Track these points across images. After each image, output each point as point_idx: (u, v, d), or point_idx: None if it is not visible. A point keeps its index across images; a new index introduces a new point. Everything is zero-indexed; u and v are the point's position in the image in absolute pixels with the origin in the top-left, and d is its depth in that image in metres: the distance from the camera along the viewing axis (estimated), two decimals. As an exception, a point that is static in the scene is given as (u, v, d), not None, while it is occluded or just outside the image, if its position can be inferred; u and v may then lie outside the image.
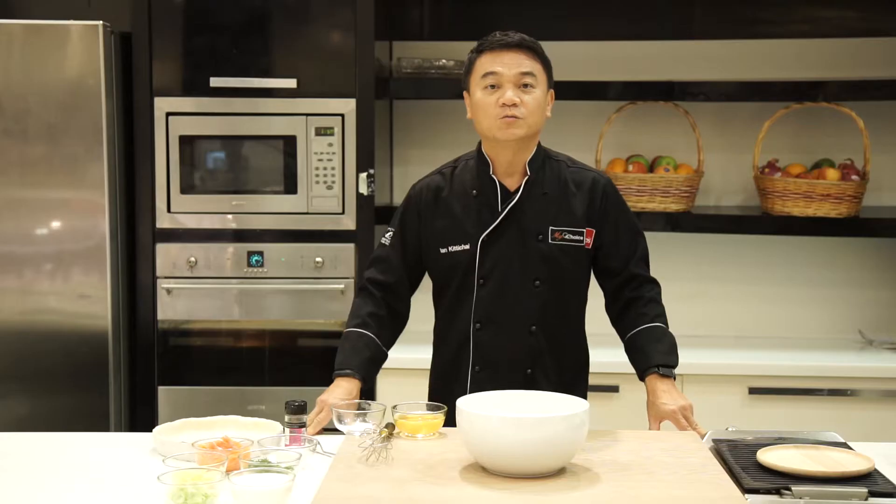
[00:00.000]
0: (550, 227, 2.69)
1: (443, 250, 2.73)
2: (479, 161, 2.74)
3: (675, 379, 2.72)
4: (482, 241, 2.69)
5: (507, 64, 2.61)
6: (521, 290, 2.69)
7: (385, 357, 2.79)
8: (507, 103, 2.60)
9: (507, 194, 2.70)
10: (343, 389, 2.65)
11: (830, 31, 4.24)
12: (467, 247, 2.70)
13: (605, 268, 2.78)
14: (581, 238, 2.70)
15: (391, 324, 2.81)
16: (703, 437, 2.56)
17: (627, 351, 2.79)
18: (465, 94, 2.73)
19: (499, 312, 2.70)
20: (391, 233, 2.80)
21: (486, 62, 2.64)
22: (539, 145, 2.74)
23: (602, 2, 4.28)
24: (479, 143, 2.76)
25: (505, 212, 2.68)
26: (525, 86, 2.62)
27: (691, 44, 4.27)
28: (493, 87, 2.62)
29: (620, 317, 2.80)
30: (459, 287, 2.73)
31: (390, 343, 2.82)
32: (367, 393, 3.88)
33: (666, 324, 2.78)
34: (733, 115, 4.29)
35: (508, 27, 2.76)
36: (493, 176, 2.71)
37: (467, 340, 2.74)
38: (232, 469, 2.17)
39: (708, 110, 4.25)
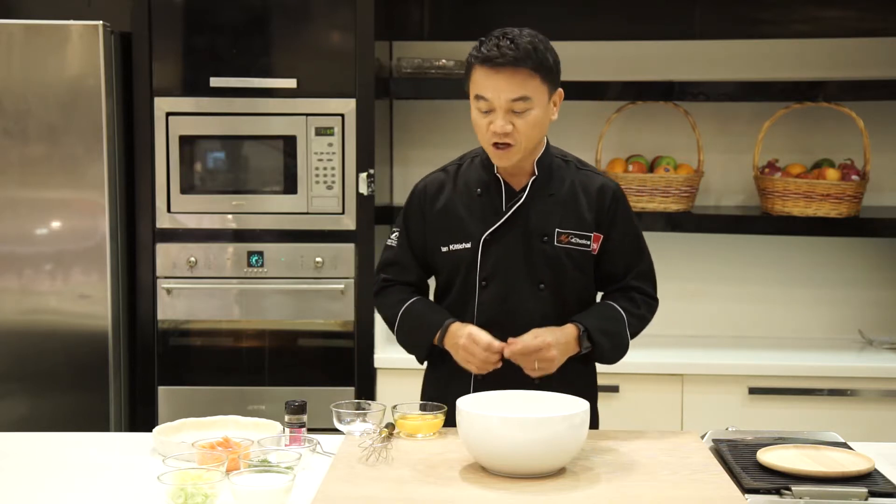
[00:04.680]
0: (557, 230, 2.62)
1: (444, 249, 2.67)
2: (485, 159, 2.65)
3: (585, 348, 2.60)
4: (484, 241, 2.62)
5: (498, 89, 2.48)
6: (525, 293, 2.63)
7: None
8: (497, 131, 2.50)
9: (513, 193, 2.63)
10: (463, 327, 2.60)
11: (830, 31, 4.24)
12: (468, 245, 2.64)
13: (604, 275, 2.70)
14: (588, 243, 2.63)
15: (425, 295, 2.80)
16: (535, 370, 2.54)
17: None
18: (469, 93, 2.61)
19: (502, 317, 2.63)
20: (396, 233, 2.75)
21: (479, 80, 2.51)
22: (548, 145, 2.67)
23: (602, 2, 4.28)
24: None
25: (510, 212, 2.61)
26: (518, 110, 2.50)
27: (691, 44, 4.27)
28: (485, 111, 2.52)
29: None
30: (462, 288, 2.67)
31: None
32: (367, 393, 3.90)
33: (631, 318, 2.67)
34: (733, 115, 4.29)
35: (509, 27, 2.72)
36: (498, 175, 2.64)
37: None
38: (232, 469, 2.17)
39: (708, 110, 4.25)
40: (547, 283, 2.63)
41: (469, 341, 2.55)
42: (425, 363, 2.81)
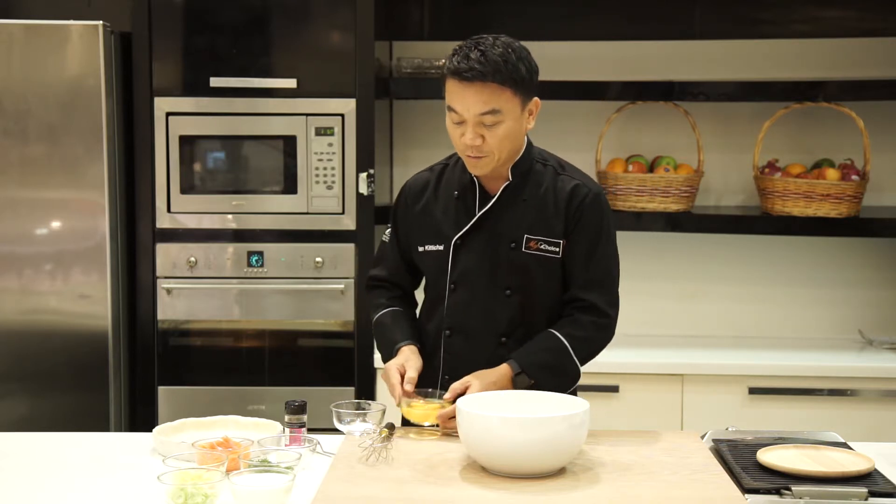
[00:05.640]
0: (526, 236, 2.60)
1: (420, 248, 2.69)
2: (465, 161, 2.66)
3: (521, 385, 2.55)
4: (455, 244, 2.63)
5: (467, 103, 2.47)
6: (492, 298, 2.62)
7: (416, 319, 2.79)
8: (467, 144, 2.50)
9: (487, 198, 2.63)
10: (406, 355, 2.63)
11: (830, 31, 4.24)
12: (441, 248, 2.65)
13: (564, 281, 2.65)
14: (558, 249, 2.60)
15: (408, 300, 2.83)
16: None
17: None
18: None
19: (469, 321, 2.64)
20: (389, 230, 2.79)
21: (450, 91, 2.50)
22: (529, 149, 2.64)
23: (602, 2, 4.28)
24: None
25: (479, 215, 2.61)
26: (488, 123, 2.48)
27: (691, 44, 4.27)
28: (457, 122, 2.52)
29: None
30: (433, 289, 2.70)
31: (415, 310, 2.83)
32: (367, 393, 3.90)
33: (575, 342, 2.59)
34: (733, 115, 4.29)
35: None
36: (475, 178, 2.63)
37: (439, 346, 2.69)
38: (232, 469, 2.17)
39: (708, 110, 4.25)
40: (514, 289, 2.62)
41: (392, 368, 2.59)
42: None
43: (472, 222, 2.62)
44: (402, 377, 2.57)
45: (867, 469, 2.27)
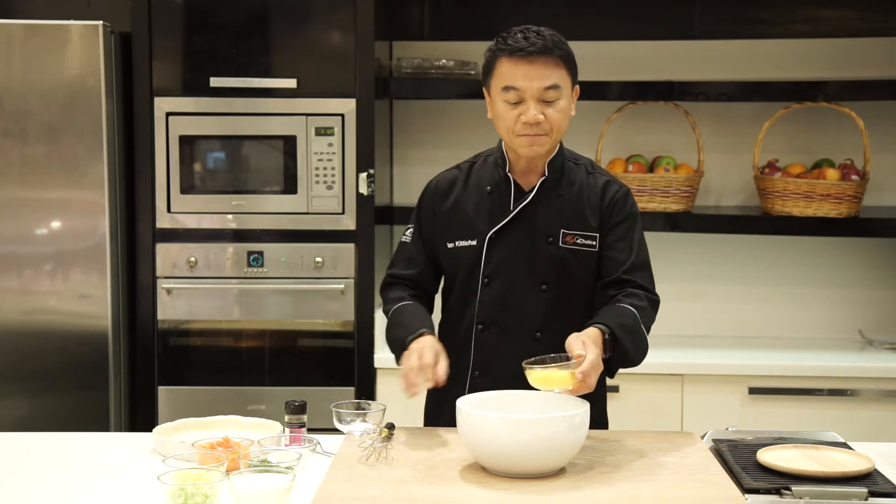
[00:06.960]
0: (562, 231, 2.62)
1: (450, 245, 2.67)
2: (499, 157, 2.68)
3: (608, 351, 2.47)
4: (489, 239, 2.62)
5: (530, 77, 2.51)
6: (528, 293, 2.62)
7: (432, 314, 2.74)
8: (530, 122, 2.52)
9: (521, 193, 2.64)
10: (428, 339, 2.52)
11: (830, 31, 4.24)
12: (474, 243, 2.64)
13: (600, 273, 2.67)
14: (594, 243, 2.63)
15: (429, 301, 2.78)
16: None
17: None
18: (484, 91, 2.63)
19: (503, 316, 2.63)
20: (411, 229, 2.76)
21: (507, 72, 2.53)
22: (562, 147, 2.68)
23: (602, 2, 4.28)
24: (501, 140, 2.67)
25: (516, 210, 2.62)
26: (549, 99, 2.53)
27: (691, 44, 4.27)
28: (514, 102, 2.53)
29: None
30: (464, 285, 2.67)
31: (430, 311, 2.76)
32: (367, 393, 3.90)
33: (641, 312, 2.58)
34: (733, 115, 4.29)
35: (508, 27, 2.71)
36: (508, 174, 2.65)
37: (469, 342, 2.66)
38: (232, 469, 2.17)
39: (708, 110, 4.25)
40: (550, 283, 2.63)
41: (417, 351, 2.46)
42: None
43: (509, 217, 2.62)
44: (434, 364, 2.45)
45: (867, 469, 2.27)
